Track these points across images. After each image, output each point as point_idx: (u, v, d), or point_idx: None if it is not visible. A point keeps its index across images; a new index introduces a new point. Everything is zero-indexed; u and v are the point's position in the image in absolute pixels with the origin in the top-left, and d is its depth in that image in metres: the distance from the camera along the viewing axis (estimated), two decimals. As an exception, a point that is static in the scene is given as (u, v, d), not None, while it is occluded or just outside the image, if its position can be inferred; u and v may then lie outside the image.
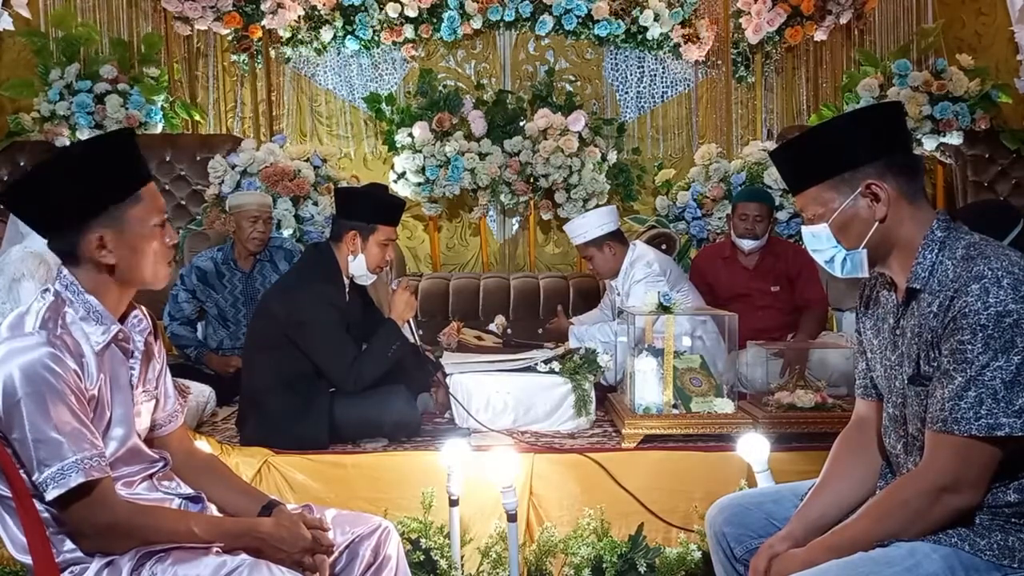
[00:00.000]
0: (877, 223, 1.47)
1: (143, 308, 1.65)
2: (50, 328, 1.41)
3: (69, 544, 1.45)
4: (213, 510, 1.68)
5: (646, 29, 5.54)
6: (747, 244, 3.73)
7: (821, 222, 1.52)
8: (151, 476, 1.59)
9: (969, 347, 1.34)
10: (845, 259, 1.52)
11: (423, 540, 2.37)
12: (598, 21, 5.51)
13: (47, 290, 1.50)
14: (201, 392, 3.02)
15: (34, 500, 1.42)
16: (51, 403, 1.36)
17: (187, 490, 1.65)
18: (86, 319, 1.48)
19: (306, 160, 4.97)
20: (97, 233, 1.45)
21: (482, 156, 5.14)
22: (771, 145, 5.05)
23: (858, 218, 1.48)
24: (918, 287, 1.46)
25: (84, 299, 1.48)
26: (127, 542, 1.44)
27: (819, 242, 1.54)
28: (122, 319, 1.56)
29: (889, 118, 1.50)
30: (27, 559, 1.43)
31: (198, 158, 5.04)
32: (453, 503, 2.36)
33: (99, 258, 1.46)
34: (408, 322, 2.82)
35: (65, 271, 1.49)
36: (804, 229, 1.57)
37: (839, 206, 1.49)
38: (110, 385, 1.51)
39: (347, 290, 2.76)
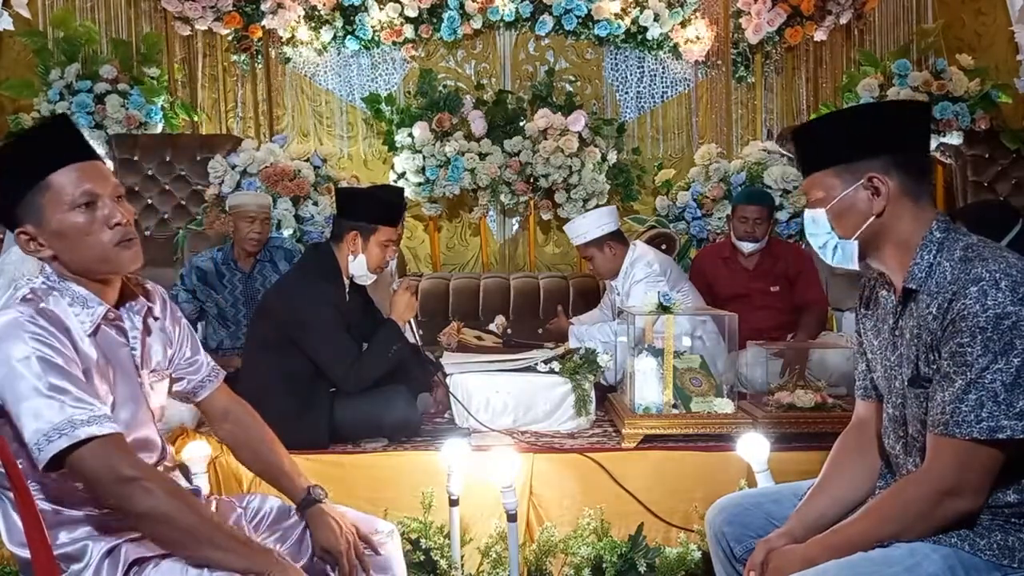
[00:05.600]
0: (874, 217, 1.47)
1: (148, 287, 1.65)
2: (31, 302, 1.41)
3: (63, 537, 1.44)
4: (213, 504, 1.69)
5: (646, 29, 5.54)
6: (747, 246, 3.73)
7: (821, 207, 1.53)
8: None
9: (968, 350, 1.34)
10: (837, 247, 1.53)
11: (423, 540, 2.37)
12: (598, 21, 5.51)
13: (32, 281, 1.49)
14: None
15: (32, 492, 1.40)
16: (43, 367, 1.35)
17: (185, 484, 1.65)
18: (72, 304, 1.47)
19: (306, 160, 4.97)
20: (22, 229, 1.46)
21: (482, 156, 5.14)
22: (771, 145, 5.06)
23: (855, 209, 1.49)
24: (915, 287, 1.46)
25: (67, 286, 1.48)
26: (147, 498, 1.36)
27: (816, 227, 1.55)
28: (120, 304, 1.55)
29: (911, 116, 1.50)
30: (23, 552, 1.42)
31: (198, 158, 5.04)
32: (453, 503, 2.36)
33: (34, 253, 1.47)
34: (409, 322, 2.82)
35: (46, 266, 1.50)
36: (806, 212, 1.58)
37: (839, 193, 1.50)
38: (111, 367, 1.50)
39: (347, 290, 2.76)
